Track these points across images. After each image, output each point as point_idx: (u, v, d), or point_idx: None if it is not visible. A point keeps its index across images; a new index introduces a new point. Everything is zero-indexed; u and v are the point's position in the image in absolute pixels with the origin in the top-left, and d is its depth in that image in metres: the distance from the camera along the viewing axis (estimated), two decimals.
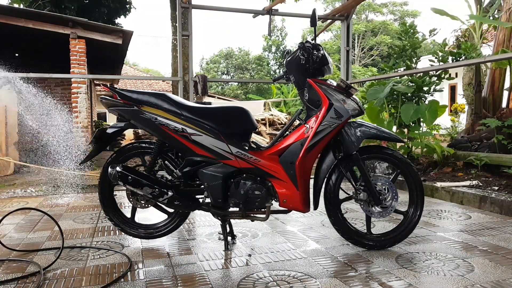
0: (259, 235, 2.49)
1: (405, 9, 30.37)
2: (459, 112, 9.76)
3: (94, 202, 3.54)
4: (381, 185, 2.17)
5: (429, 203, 3.31)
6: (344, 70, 4.90)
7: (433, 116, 4.56)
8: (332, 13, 5.04)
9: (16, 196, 3.94)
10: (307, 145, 2.05)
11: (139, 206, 2.25)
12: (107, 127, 2.23)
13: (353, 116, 2.11)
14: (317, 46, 2.15)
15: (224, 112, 2.14)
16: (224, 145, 2.08)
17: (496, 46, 5.85)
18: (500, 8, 6.41)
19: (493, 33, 6.60)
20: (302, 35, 28.18)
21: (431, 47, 20.75)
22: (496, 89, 5.78)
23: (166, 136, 2.09)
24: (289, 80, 2.26)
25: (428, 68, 4.33)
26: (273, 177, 2.10)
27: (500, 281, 1.73)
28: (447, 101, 13.88)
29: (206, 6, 4.51)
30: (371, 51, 28.87)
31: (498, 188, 3.35)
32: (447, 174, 4.08)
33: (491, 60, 4.92)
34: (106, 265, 1.99)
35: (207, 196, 2.16)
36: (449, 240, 2.33)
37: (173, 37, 8.47)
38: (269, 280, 1.78)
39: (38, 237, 2.47)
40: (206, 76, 4.43)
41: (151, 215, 2.79)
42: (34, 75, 4.28)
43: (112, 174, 2.07)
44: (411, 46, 5.05)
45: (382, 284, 1.73)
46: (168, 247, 2.28)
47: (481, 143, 4.82)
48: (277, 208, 2.17)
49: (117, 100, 2.15)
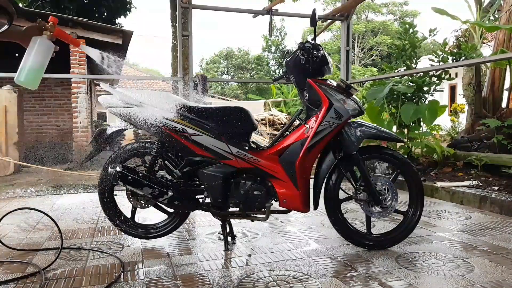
0: (259, 235, 2.49)
1: (405, 9, 30.37)
2: (459, 112, 9.77)
3: (94, 202, 3.54)
4: (381, 185, 2.17)
5: (429, 203, 3.31)
6: (344, 70, 4.90)
7: (433, 116, 4.56)
8: (332, 13, 5.03)
9: (16, 196, 3.94)
10: (307, 145, 2.05)
11: (139, 206, 2.25)
12: (107, 127, 2.23)
13: (353, 116, 2.11)
14: (317, 46, 2.14)
15: (224, 112, 2.14)
16: (224, 145, 2.07)
17: (496, 46, 5.85)
18: (500, 9, 6.41)
19: (493, 33, 6.60)
20: (302, 35, 28.19)
21: (431, 47, 20.76)
22: (496, 89, 5.78)
23: (166, 136, 2.09)
24: (289, 80, 2.25)
25: (428, 68, 4.33)
26: (273, 177, 2.10)
27: (500, 281, 1.73)
28: (447, 101, 13.89)
29: (206, 6, 4.51)
30: (371, 51, 28.87)
31: (498, 188, 3.35)
32: (447, 174, 4.08)
33: (491, 60, 4.92)
34: (106, 265, 1.99)
35: (207, 196, 2.15)
36: (449, 240, 2.33)
37: (173, 37, 8.46)
38: (269, 280, 1.78)
39: (38, 237, 2.47)
40: (206, 76, 4.43)
41: (151, 215, 2.79)
42: None
43: (112, 174, 2.07)
44: (411, 45, 5.05)
45: (382, 284, 1.73)
46: (168, 247, 2.28)
47: (481, 143, 4.82)
48: (277, 208, 2.17)
49: (117, 100, 2.15)
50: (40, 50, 1.61)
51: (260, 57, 29.77)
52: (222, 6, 4.58)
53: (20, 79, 1.60)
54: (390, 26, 28.86)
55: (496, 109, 5.65)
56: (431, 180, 3.88)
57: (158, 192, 2.09)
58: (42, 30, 1.62)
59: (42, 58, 1.62)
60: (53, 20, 1.65)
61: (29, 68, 1.60)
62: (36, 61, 1.60)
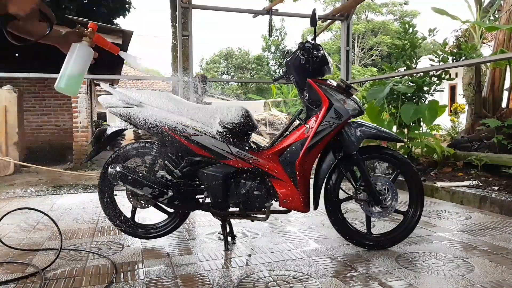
0: (259, 235, 2.49)
1: (405, 9, 30.38)
2: (459, 112, 9.77)
3: (94, 202, 3.54)
4: (381, 185, 2.17)
5: (429, 203, 3.31)
6: (344, 70, 4.90)
7: (433, 116, 4.56)
8: (332, 13, 5.04)
9: (16, 196, 3.94)
10: (307, 145, 2.05)
11: (139, 206, 2.25)
12: (107, 127, 2.23)
13: (353, 116, 2.11)
14: (317, 46, 2.14)
15: (224, 112, 2.14)
16: (224, 145, 2.07)
17: (496, 46, 5.85)
18: (500, 9, 6.41)
19: (493, 33, 6.60)
20: (302, 35, 28.18)
21: (431, 47, 20.76)
22: (496, 89, 5.78)
23: (166, 136, 2.09)
24: (289, 80, 2.25)
25: (428, 68, 4.33)
26: (273, 177, 2.10)
27: (500, 281, 1.73)
28: (447, 101, 13.88)
29: (206, 6, 4.51)
30: (371, 51, 28.88)
31: (498, 188, 3.35)
32: (447, 174, 4.08)
33: (491, 60, 4.92)
34: (106, 265, 1.99)
35: (207, 196, 2.16)
36: (449, 240, 2.33)
37: (173, 37, 8.46)
38: (269, 280, 1.78)
39: (38, 237, 2.47)
40: (206, 76, 4.43)
41: (151, 215, 2.79)
42: (34, 75, 4.27)
43: (112, 174, 2.07)
44: (411, 45, 5.05)
45: (382, 284, 1.73)
46: (168, 247, 2.28)
47: (481, 143, 4.82)
48: (277, 208, 2.17)
49: (117, 100, 2.16)
50: (80, 57, 1.59)
51: (260, 57, 29.78)
52: (222, 6, 4.58)
53: (61, 86, 1.58)
54: (390, 26, 28.87)
55: (496, 109, 5.65)
56: (431, 180, 3.88)
57: (158, 192, 2.09)
58: (81, 36, 1.60)
59: (82, 64, 1.60)
60: (93, 26, 1.63)
61: (69, 75, 1.58)
62: (76, 68, 1.58)
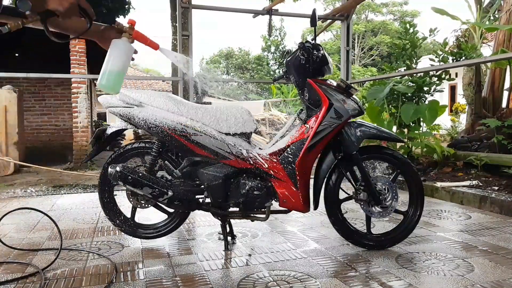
0: (259, 235, 2.49)
1: (405, 9, 30.38)
2: (459, 112, 9.77)
3: (94, 202, 3.54)
4: (381, 185, 2.17)
5: (429, 203, 3.31)
6: (344, 70, 4.90)
7: (433, 116, 4.57)
8: (332, 13, 5.04)
9: (16, 196, 3.94)
10: (307, 145, 2.05)
11: (139, 206, 2.25)
12: (107, 127, 2.23)
13: (353, 116, 2.11)
14: (317, 46, 2.14)
15: (224, 112, 2.14)
16: (224, 145, 2.07)
17: (496, 46, 5.86)
18: (500, 9, 6.41)
19: (493, 33, 6.60)
20: (302, 35, 28.18)
21: (431, 47, 20.75)
22: (496, 89, 5.78)
23: (166, 136, 2.09)
24: (289, 80, 2.25)
25: (428, 68, 4.33)
26: (273, 177, 2.10)
27: (500, 281, 1.73)
28: (447, 101, 13.89)
29: (206, 6, 4.51)
30: (371, 51, 28.88)
31: (498, 188, 3.35)
32: (447, 174, 4.08)
33: (491, 60, 4.92)
34: (106, 265, 1.98)
35: (207, 196, 2.15)
36: (449, 240, 2.33)
37: (173, 37, 8.47)
38: (269, 280, 1.78)
39: (38, 237, 2.47)
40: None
41: (151, 215, 2.79)
42: (34, 75, 4.28)
43: (112, 174, 2.07)
44: (411, 45, 5.05)
45: (382, 284, 1.73)
46: (168, 247, 2.28)
47: (481, 143, 4.82)
48: (277, 208, 2.17)
49: (117, 100, 2.15)
50: (120, 53, 1.55)
51: (260, 57, 29.78)
52: (222, 6, 4.58)
53: (102, 83, 1.54)
54: (390, 26, 28.88)
55: (496, 109, 5.65)
56: (431, 180, 3.88)
57: (158, 192, 2.09)
58: (121, 32, 1.56)
59: (123, 61, 1.56)
60: (132, 22, 1.59)
61: (110, 71, 1.54)
62: (117, 64, 1.55)
